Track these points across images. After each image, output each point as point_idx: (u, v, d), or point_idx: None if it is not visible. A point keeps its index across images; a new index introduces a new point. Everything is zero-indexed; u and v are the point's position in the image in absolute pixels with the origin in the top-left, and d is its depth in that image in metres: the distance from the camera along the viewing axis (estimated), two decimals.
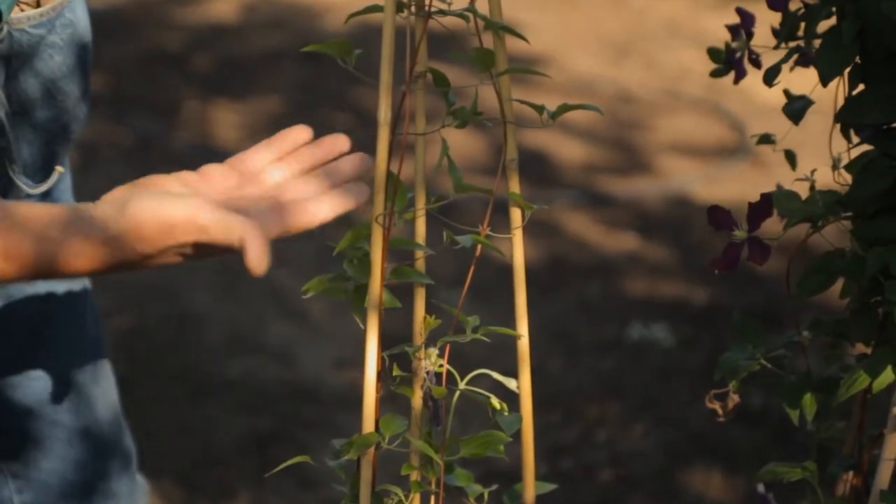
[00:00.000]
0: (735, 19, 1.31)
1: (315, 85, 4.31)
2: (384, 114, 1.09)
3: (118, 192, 1.04)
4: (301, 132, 1.15)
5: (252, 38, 4.76)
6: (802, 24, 1.22)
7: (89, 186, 1.54)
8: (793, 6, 1.25)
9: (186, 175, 1.09)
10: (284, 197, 1.09)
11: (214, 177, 1.10)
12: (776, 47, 1.27)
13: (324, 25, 4.91)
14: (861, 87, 1.07)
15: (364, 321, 1.08)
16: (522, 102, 1.14)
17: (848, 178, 1.16)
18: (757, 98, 4.13)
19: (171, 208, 1.00)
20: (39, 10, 1.23)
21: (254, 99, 4.27)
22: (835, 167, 1.18)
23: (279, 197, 1.09)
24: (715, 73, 1.36)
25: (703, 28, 4.93)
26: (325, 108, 4.14)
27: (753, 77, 1.33)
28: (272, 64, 4.52)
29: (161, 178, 1.07)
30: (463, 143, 3.72)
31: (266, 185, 1.11)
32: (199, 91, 4.32)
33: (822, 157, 1.24)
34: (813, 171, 1.22)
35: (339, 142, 1.15)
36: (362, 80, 1.13)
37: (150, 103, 4.20)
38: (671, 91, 4.42)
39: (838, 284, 1.17)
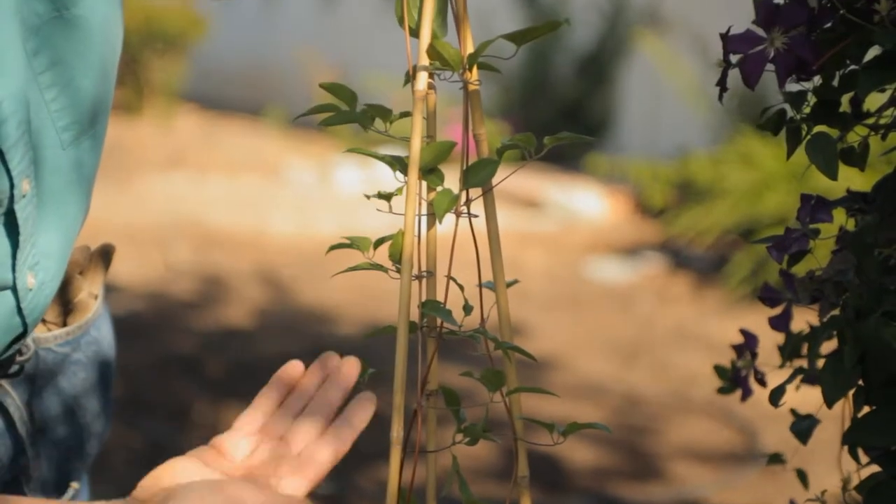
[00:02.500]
0: (741, 323, 1.34)
1: None
2: (396, 433, 1.11)
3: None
4: (294, 368, 1.22)
5: (264, 343, 4.82)
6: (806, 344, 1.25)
7: (97, 491, 1.54)
8: (795, 327, 1.28)
9: (202, 453, 1.12)
10: (295, 449, 1.14)
11: (227, 449, 1.14)
12: (781, 366, 1.30)
13: (336, 330, 4.97)
14: (866, 409, 1.09)
15: None
16: (533, 421, 1.15)
17: (859, 497, 1.16)
18: (766, 402, 4.14)
19: None
20: (66, 329, 1.26)
21: None
22: (844, 489, 1.19)
23: (291, 451, 1.13)
24: (722, 391, 1.38)
25: (710, 333, 4.99)
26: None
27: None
28: None
29: (179, 463, 1.10)
30: (474, 448, 3.71)
31: (275, 442, 1.15)
32: (210, 394, 4.35)
33: (834, 462, 1.25)
34: (823, 493, 1.22)
35: (329, 362, 1.22)
36: (374, 385, 1.16)
37: (162, 406, 4.22)
38: (681, 395, 4.44)
39: None
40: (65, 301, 1.28)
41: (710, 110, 6.93)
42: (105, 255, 1.34)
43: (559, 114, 8.84)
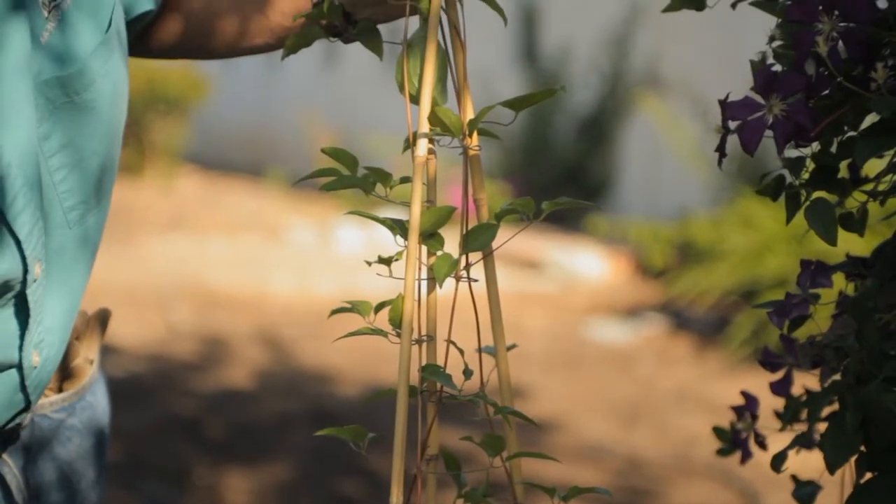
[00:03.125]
0: (742, 385, 1.34)
1: (327, 450, 4.32)
2: (396, 498, 1.11)
3: None
4: None
5: (265, 404, 4.81)
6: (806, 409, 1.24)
7: None
8: (795, 391, 1.28)
9: None
10: None
11: None
12: (781, 430, 1.29)
13: (336, 391, 4.96)
14: (869, 475, 1.09)
15: None
16: (534, 486, 1.15)
17: None
18: (767, 465, 4.12)
19: None
20: (62, 395, 1.26)
21: (264, 464, 4.27)
22: None
23: None
24: (722, 452, 1.38)
25: (711, 395, 4.98)
26: (337, 473, 4.14)
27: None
28: (284, 429, 4.54)
29: None
30: None
31: None
32: (210, 456, 4.33)
33: None
34: None
35: None
36: (375, 447, 1.15)
37: (161, 469, 4.20)
38: (682, 457, 4.42)
39: None
40: (61, 366, 1.28)
41: (711, 172, 6.95)
42: (102, 320, 1.34)
43: (560, 175, 8.87)
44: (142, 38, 1.34)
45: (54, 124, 1.14)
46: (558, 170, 8.90)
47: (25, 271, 1.12)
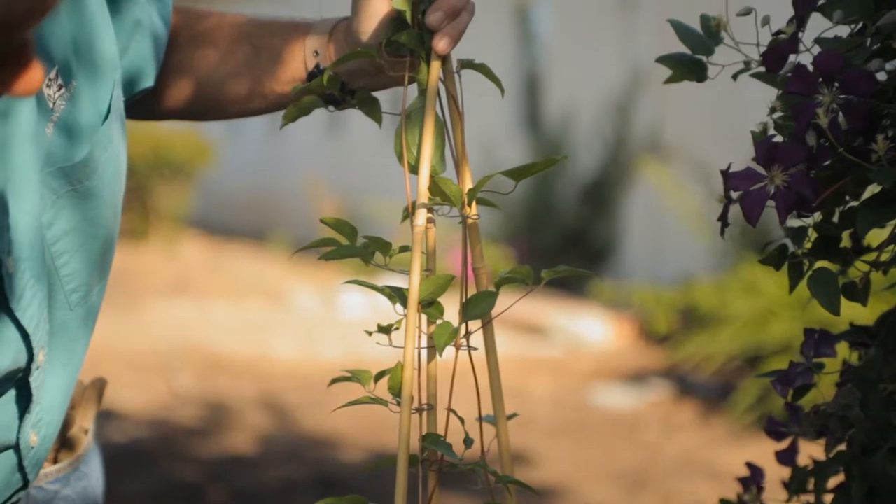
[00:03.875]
0: (747, 451, 1.33)
1: None
2: None
3: None
4: None
5: (267, 470, 4.78)
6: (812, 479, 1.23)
7: None
8: (801, 460, 1.27)
9: None
10: None
11: None
12: (787, 501, 1.28)
13: (339, 456, 4.93)
14: None
15: None
16: None
17: None
18: None
19: None
20: (57, 466, 1.25)
21: None
22: None
23: None
24: None
25: (717, 461, 4.94)
26: None
27: None
28: (287, 495, 4.51)
29: None
30: None
31: None
32: None
33: None
34: None
35: None
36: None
37: None
38: None
39: None
40: (57, 437, 1.27)
41: (713, 237, 6.95)
42: (98, 389, 1.33)
43: (563, 239, 8.87)
44: (144, 102, 1.35)
45: (57, 212, 1.15)
46: (561, 234, 8.91)
47: (30, 360, 1.12)
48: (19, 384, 1.14)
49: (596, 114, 8.97)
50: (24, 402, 1.14)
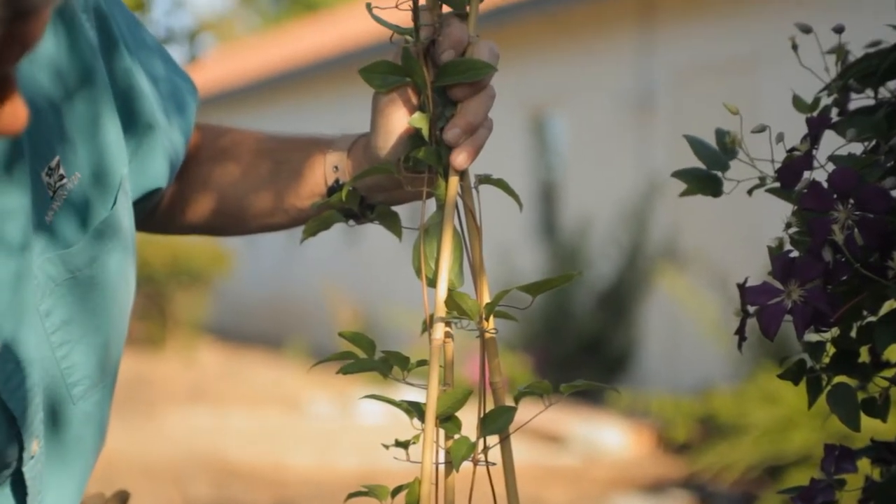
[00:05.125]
0: None
1: None
2: None
3: None
4: None
5: None
6: None
7: None
8: None
9: None
10: None
11: None
12: None
13: None
14: None
15: None
16: None
17: None
18: None
19: None
20: None
21: None
22: None
23: None
24: None
25: None
26: None
27: None
28: None
29: None
30: None
31: None
32: None
33: None
34: None
35: None
36: None
37: None
38: None
39: None
40: None
41: (731, 345, 6.92)
42: (121, 502, 1.32)
43: (581, 347, 8.85)
44: (165, 215, 1.35)
45: (56, 301, 1.14)
46: (579, 341, 8.89)
47: (21, 449, 1.11)
48: (15, 477, 1.12)
49: (612, 221, 9.00)
50: (21, 496, 1.13)
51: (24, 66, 1.13)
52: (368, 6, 1.14)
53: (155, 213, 1.36)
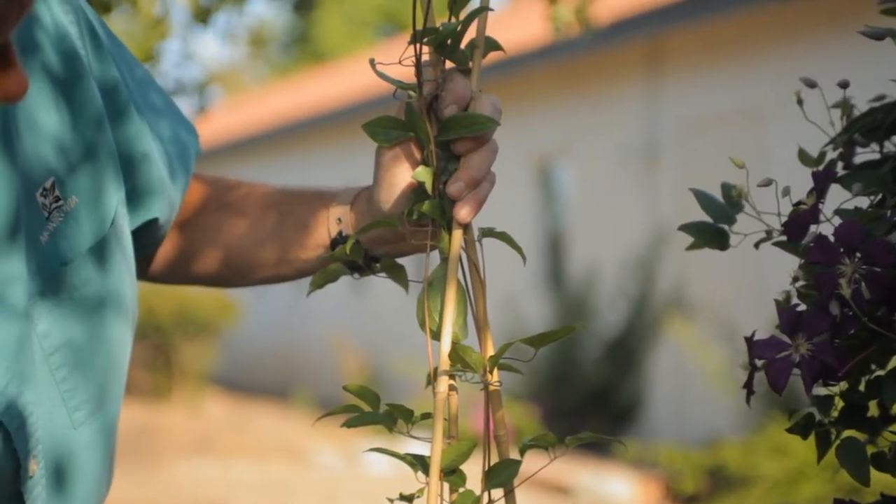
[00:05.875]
0: None
1: None
2: None
3: None
4: None
5: None
6: None
7: None
8: None
9: None
10: None
11: None
12: None
13: None
14: None
15: None
16: None
17: None
18: None
19: None
20: None
21: None
22: None
23: None
24: None
25: None
26: None
27: None
28: None
29: None
30: None
31: None
32: None
33: None
34: None
35: None
36: None
37: None
38: None
39: None
40: None
41: (739, 396, 6.90)
42: None
43: (588, 397, 8.82)
44: (172, 266, 1.36)
45: (54, 322, 1.14)
46: (586, 392, 8.86)
47: (18, 467, 1.10)
48: (15, 499, 1.11)
49: (619, 271, 9.00)
50: None
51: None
52: (371, 61, 1.14)
53: (157, 259, 1.37)
